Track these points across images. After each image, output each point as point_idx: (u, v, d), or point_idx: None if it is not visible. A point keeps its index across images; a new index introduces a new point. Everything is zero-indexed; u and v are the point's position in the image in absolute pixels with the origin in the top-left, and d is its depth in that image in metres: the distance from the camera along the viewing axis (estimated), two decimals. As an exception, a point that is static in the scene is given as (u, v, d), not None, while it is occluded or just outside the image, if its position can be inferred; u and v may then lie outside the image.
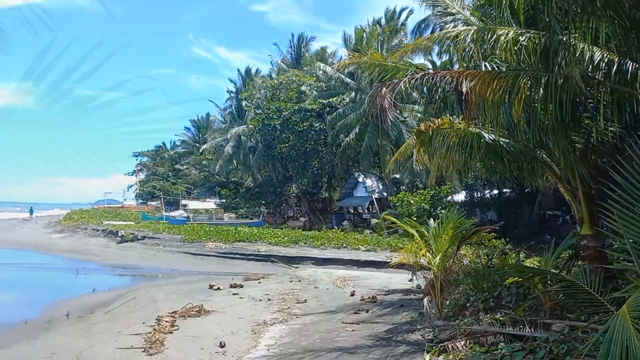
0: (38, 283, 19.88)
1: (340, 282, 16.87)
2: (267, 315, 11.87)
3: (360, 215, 42.00)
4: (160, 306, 13.65)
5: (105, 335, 10.42)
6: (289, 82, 43.69)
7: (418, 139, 9.88)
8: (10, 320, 12.48)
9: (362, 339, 8.87)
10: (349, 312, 11.48)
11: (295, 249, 25.80)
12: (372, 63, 11.47)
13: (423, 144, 9.95)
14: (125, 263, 24.99)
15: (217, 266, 23.27)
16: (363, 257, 22.65)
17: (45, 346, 9.73)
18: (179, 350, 8.91)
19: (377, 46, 36.39)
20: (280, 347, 8.74)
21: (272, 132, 41.98)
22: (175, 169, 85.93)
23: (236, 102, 59.81)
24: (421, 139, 9.81)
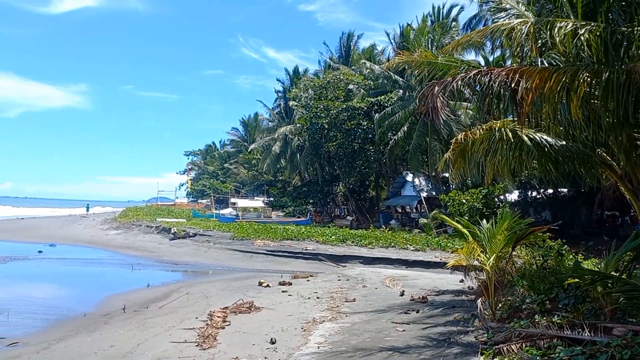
0: (95, 277, 20.67)
1: (389, 281, 16.74)
2: (316, 313, 11.92)
3: (408, 215, 41.57)
4: (211, 302, 13.95)
5: (160, 329, 10.72)
6: (336, 81, 43.70)
7: (457, 149, 9.63)
8: (70, 313, 13.05)
9: (413, 339, 8.78)
10: (399, 312, 11.38)
11: (343, 247, 25.80)
12: (422, 61, 11.32)
13: (463, 154, 9.70)
14: (178, 259, 25.65)
15: (265, 264, 23.56)
16: (412, 257, 22.42)
17: (104, 339, 10.11)
18: (231, 346, 9.05)
19: (427, 44, 35.89)
20: (330, 345, 8.75)
21: (319, 130, 42.14)
22: (224, 167, 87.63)
23: (284, 102, 60.31)
24: (460, 148, 9.58)
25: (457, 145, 9.43)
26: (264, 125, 70.85)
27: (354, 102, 40.56)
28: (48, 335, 10.53)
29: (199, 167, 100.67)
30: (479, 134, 9.15)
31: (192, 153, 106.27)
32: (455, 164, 9.77)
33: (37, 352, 9.22)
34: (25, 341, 10.07)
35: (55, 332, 10.92)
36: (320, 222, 44.48)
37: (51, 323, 11.90)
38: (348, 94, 43.71)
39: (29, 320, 12.07)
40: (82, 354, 8.96)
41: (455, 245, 22.65)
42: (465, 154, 9.47)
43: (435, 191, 35.88)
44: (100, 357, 8.77)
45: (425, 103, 8.73)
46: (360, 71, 43.74)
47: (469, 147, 9.31)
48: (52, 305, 13.90)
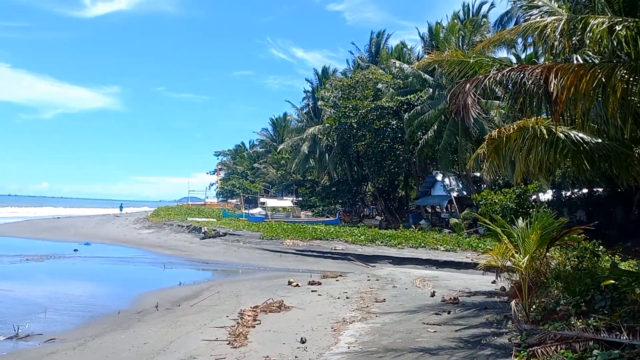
0: (129, 275, 21.08)
1: (419, 282, 16.61)
2: (346, 313, 11.90)
3: (438, 215, 41.20)
4: (242, 301, 14.07)
5: (192, 327, 10.86)
6: (365, 80, 43.56)
7: (490, 146, 9.49)
8: (105, 310, 13.33)
9: (444, 340, 8.70)
10: (430, 313, 11.27)
11: (372, 247, 25.70)
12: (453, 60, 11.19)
13: (497, 151, 9.56)
14: (208, 258, 25.95)
15: (294, 263, 23.65)
16: (442, 257, 22.19)
17: (138, 335, 10.30)
18: (262, 344, 9.12)
19: (457, 41, 35.49)
20: (361, 345, 8.73)
21: (348, 130, 42.07)
22: (253, 167, 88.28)
23: (312, 102, 60.45)
24: (494, 145, 9.44)
25: (491, 141, 9.29)
26: (292, 125, 71.10)
27: (383, 102, 40.36)
28: (84, 332, 10.79)
29: (229, 167, 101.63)
30: (513, 130, 9.00)
31: (221, 153, 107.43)
32: (489, 160, 9.63)
33: (74, 348, 9.45)
34: (62, 337, 10.34)
35: (90, 328, 11.18)
36: (349, 222, 44.41)
37: (87, 320, 12.18)
38: (377, 93, 43.53)
39: (66, 317, 12.39)
40: (116, 351, 9.15)
41: (487, 245, 22.32)
42: (499, 151, 9.33)
43: (466, 191, 35.46)
44: (134, 353, 8.93)
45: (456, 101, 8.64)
46: (390, 70, 43.50)
47: (503, 143, 9.17)
48: (88, 303, 14.23)
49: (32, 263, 22.40)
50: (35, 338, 10.28)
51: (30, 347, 9.68)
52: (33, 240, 33.95)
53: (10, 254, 24.77)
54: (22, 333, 10.41)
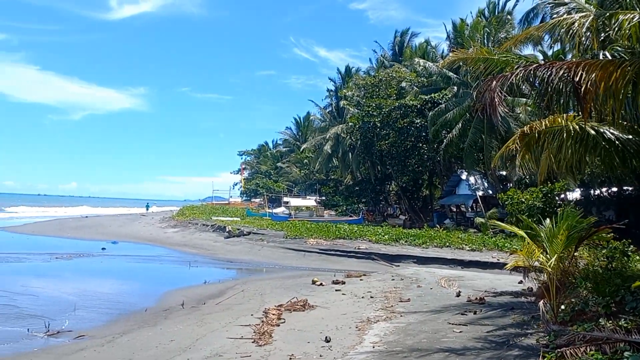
0: (155, 274, 21.39)
1: (444, 281, 16.48)
2: (370, 312, 11.87)
3: (464, 214, 40.77)
4: (266, 299, 14.15)
5: (217, 325, 10.97)
6: (388, 79, 43.36)
7: (522, 141, 9.37)
8: (133, 307, 13.54)
9: (470, 340, 8.61)
10: (455, 313, 11.17)
11: (396, 247, 25.58)
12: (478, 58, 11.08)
13: (528, 147, 9.43)
14: (232, 257, 26.16)
15: (318, 262, 23.68)
16: (467, 257, 21.97)
17: (165, 333, 10.44)
18: (286, 343, 9.15)
19: (482, 39, 35.08)
20: (385, 344, 8.70)
21: (371, 129, 41.91)
22: (277, 167, 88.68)
23: (335, 101, 60.41)
24: (526, 141, 9.31)
25: (523, 137, 9.16)
26: (315, 124, 71.21)
27: (406, 100, 40.12)
28: (112, 329, 10.99)
29: (252, 167, 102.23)
30: (545, 125, 8.86)
31: (245, 153, 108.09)
32: (520, 155, 9.51)
33: (102, 345, 9.62)
34: (91, 334, 10.54)
35: (118, 325, 11.38)
36: (372, 221, 44.26)
37: (115, 317, 12.40)
38: (400, 92, 43.30)
39: (95, 314, 12.63)
40: (144, 348, 9.29)
41: (514, 245, 22.03)
42: (531, 147, 9.20)
43: (492, 190, 35.01)
44: (161, 351, 9.06)
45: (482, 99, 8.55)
46: (414, 68, 43.20)
47: (534, 139, 9.04)
48: (116, 300, 14.49)
49: (62, 261, 22.89)
50: (65, 334, 10.50)
51: (61, 343, 9.89)
52: (62, 238, 34.69)
53: (41, 252, 25.35)
54: (52, 329, 10.65)
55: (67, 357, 8.81)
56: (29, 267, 21.07)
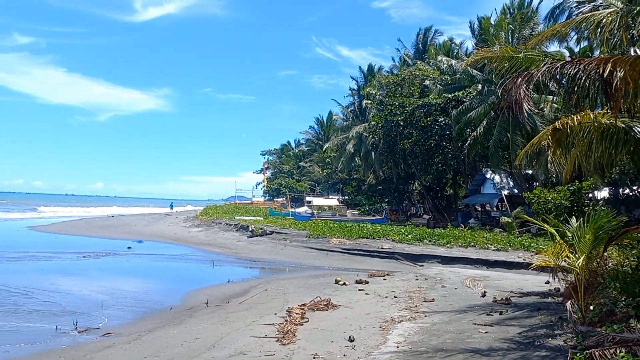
0: (180, 272, 21.59)
1: (469, 281, 16.29)
2: (394, 312, 11.80)
3: (489, 213, 40.29)
4: (289, 298, 14.17)
5: (241, 324, 11.02)
6: (411, 77, 43.07)
7: (553, 137, 9.19)
8: (158, 306, 13.69)
9: (496, 341, 8.48)
10: (480, 313, 11.03)
11: (420, 246, 25.39)
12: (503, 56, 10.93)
13: (559, 142, 9.25)
14: (256, 256, 26.27)
15: (341, 262, 23.64)
16: (493, 257, 21.69)
17: (190, 331, 10.54)
18: (310, 342, 9.14)
19: (507, 36, 34.61)
20: (410, 344, 8.62)
21: (394, 128, 41.70)
22: (299, 166, 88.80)
23: (358, 100, 60.28)
24: (557, 137, 9.13)
25: (554, 133, 8.98)
26: (338, 124, 71.15)
27: (430, 98, 39.81)
28: (138, 327, 11.14)
29: (275, 166, 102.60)
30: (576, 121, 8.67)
31: (267, 152, 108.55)
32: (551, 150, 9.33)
33: (129, 342, 9.75)
34: (117, 332, 10.69)
35: (144, 323, 11.53)
36: (395, 221, 44.04)
37: (141, 315, 12.56)
38: (423, 90, 42.98)
39: (121, 312, 12.80)
40: (169, 346, 9.39)
41: (540, 245, 21.70)
42: (562, 143, 9.01)
43: (518, 189, 34.52)
44: (186, 349, 9.14)
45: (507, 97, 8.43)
46: (438, 66, 42.83)
47: (565, 135, 8.85)
48: (142, 298, 14.67)
49: (90, 260, 23.28)
50: (92, 332, 10.66)
51: (88, 340, 10.05)
52: (89, 238, 35.30)
53: (69, 251, 25.84)
54: (80, 327, 10.83)
55: (95, 354, 8.94)
56: (58, 265, 21.48)
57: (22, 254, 23.88)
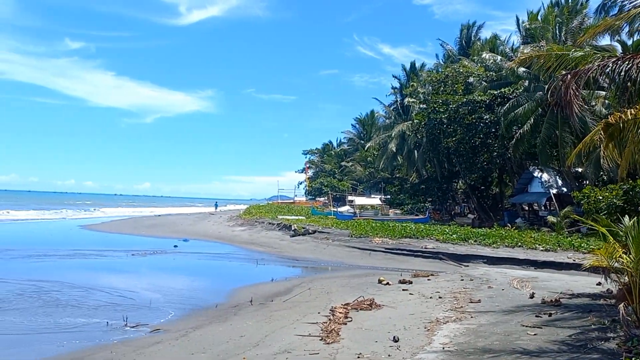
0: (224, 271, 21.96)
1: (516, 282, 15.89)
2: (439, 313, 11.64)
3: (536, 213, 39.23)
4: (332, 298, 14.17)
5: (285, 322, 11.10)
6: (455, 74, 42.38)
7: (606, 133, 8.87)
8: (204, 303, 13.95)
9: (545, 343, 8.25)
10: (529, 315, 10.74)
11: (465, 246, 24.94)
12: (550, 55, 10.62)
13: (612, 138, 8.93)
14: (298, 255, 26.40)
15: (384, 261, 23.48)
16: (541, 258, 21.10)
17: (235, 329, 10.69)
18: (354, 341, 9.12)
19: (555, 30, 33.61)
20: (456, 345, 8.48)
21: (438, 126, 41.14)
22: (341, 165, 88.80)
23: (400, 98, 59.79)
24: (609, 132, 8.81)
25: (607, 128, 8.68)
26: (379, 122, 70.80)
27: (475, 95, 39.08)
28: (186, 323, 11.37)
29: (317, 166, 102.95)
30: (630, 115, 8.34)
31: (309, 152, 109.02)
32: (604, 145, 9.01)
33: (177, 338, 9.97)
34: (165, 328, 10.96)
35: (191, 320, 11.76)
36: (439, 220, 43.45)
37: (188, 312, 12.82)
38: (467, 87, 42.23)
39: (169, 308, 13.09)
40: (215, 342, 9.55)
41: (590, 245, 20.97)
42: (615, 138, 8.69)
43: (567, 187, 33.46)
44: (232, 346, 9.27)
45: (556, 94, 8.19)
46: (482, 63, 41.99)
47: (617, 131, 8.53)
48: (188, 296, 14.98)
49: (138, 258, 23.94)
50: (141, 328, 10.96)
51: (138, 336, 10.33)
52: (137, 236, 36.31)
53: (118, 249, 26.68)
54: (130, 323, 11.15)
55: (144, 350, 9.17)
56: (108, 263, 22.19)
57: (75, 251, 24.82)
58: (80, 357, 8.85)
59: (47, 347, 9.44)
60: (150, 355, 8.90)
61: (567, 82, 8.11)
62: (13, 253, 23.20)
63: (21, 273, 17.61)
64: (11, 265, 20.16)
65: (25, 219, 53.68)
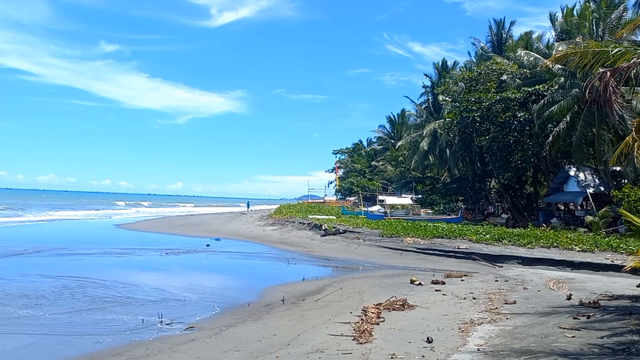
0: (256, 270, 22.08)
1: (553, 283, 15.53)
2: (473, 314, 11.45)
3: (572, 212, 38.31)
4: (364, 297, 14.11)
5: (317, 321, 11.09)
6: (488, 72, 41.71)
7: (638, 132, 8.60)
8: (236, 302, 14.06)
9: (584, 346, 8.03)
10: (566, 317, 10.47)
11: (499, 247, 24.54)
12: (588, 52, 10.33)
13: None
14: (329, 255, 26.40)
15: (415, 261, 23.29)
16: (578, 258, 20.59)
17: (268, 327, 10.74)
18: (387, 342, 9.05)
19: (591, 26, 32.74)
20: (491, 347, 8.33)
21: (470, 124, 40.56)
22: (371, 165, 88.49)
23: (432, 97, 59.23)
24: None
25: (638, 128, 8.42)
26: (410, 121, 70.20)
27: (508, 93, 38.39)
28: (219, 322, 11.49)
29: (347, 165, 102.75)
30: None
31: (339, 151, 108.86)
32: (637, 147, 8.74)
33: (210, 336, 10.08)
34: (199, 326, 11.09)
35: (224, 318, 11.87)
36: (471, 220, 42.87)
37: (221, 310, 12.93)
38: (501, 85, 41.52)
39: (202, 307, 13.24)
40: (248, 341, 9.61)
41: (630, 246, 20.39)
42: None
43: (604, 187, 32.57)
44: (265, 344, 9.32)
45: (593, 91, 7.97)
46: (516, 60, 41.19)
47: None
48: (221, 294, 15.11)
49: (172, 256, 24.32)
50: (176, 325, 11.12)
51: (173, 333, 10.48)
52: (170, 235, 36.92)
53: (152, 247, 27.17)
54: (165, 320, 11.32)
55: (179, 347, 9.30)
56: (143, 261, 22.61)
57: (110, 250, 25.41)
58: (117, 354, 9.02)
59: (85, 343, 9.66)
60: (185, 352, 9.01)
61: (606, 79, 7.86)
62: (51, 252, 23.85)
63: (61, 271, 18.10)
64: (52, 262, 20.74)
65: (63, 219, 55.11)
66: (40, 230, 39.02)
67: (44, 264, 20.24)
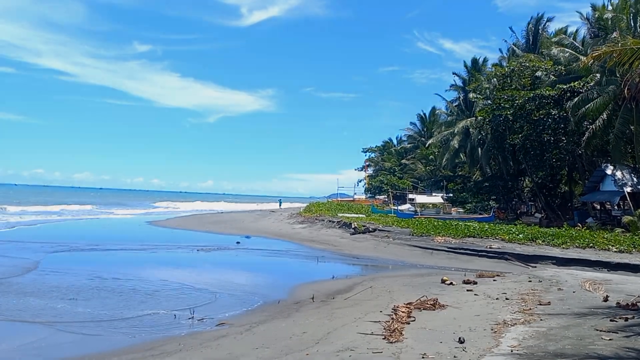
0: (286, 267, 22.16)
1: (588, 285, 15.14)
2: (506, 314, 11.24)
3: (609, 212, 37.27)
4: (394, 296, 14.01)
5: (347, 320, 11.06)
6: (521, 69, 40.92)
7: None
8: (266, 299, 14.12)
9: (622, 349, 7.78)
10: (603, 319, 10.19)
11: (533, 247, 24.07)
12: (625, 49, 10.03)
13: None
14: (358, 253, 26.31)
15: (446, 261, 23.04)
16: (615, 259, 20.04)
17: (297, 325, 10.77)
18: (417, 341, 8.96)
19: (629, 20, 31.80)
20: (525, 349, 8.15)
21: (503, 122, 39.90)
22: (401, 163, 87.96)
23: (463, 95, 58.51)
24: None
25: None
26: (441, 119, 69.56)
27: (542, 90, 37.59)
28: (249, 318, 11.57)
29: (376, 164, 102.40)
30: None
31: (369, 150, 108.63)
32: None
33: (241, 333, 10.16)
34: (230, 322, 11.19)
35: (255, 315, 11.95)
36: (504, 220, 42.17)
37: (251, 307, 13.03)
38: (535, 82, 40.69)
39: (233, 303, 13.37)
40: (279, 338, 9.65)
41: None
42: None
43: (643, 186, 31.61)
44: (295, 342, 9.34)
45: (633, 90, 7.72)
46: (551, 57, 40.29)
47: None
48: (251, 291, 15.22)
49: (203, 253, 24.64)
50: (207, 321, 11.25)
51: (204, 329, 10.61)
52: (201, 232, 37.38)
53: (184, 244, 27.58)
54: (196, 316, 11.47)
55: (210, 343, 9.40)
56: (175, 258, 22.97)
57: (144, 246, 25.89)
58: (150, 348, 9.17)
59: (119, 338, 9.86)
60: (216, 348, 9.10)
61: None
62: (87, 248, 24.44)
63: (97, 266, 18.57)
64: (88, 258, 21.29)
65: (97, 216, 56.37)
66: (77, 227, 40.10)
67: (82, 259, 20.92)
